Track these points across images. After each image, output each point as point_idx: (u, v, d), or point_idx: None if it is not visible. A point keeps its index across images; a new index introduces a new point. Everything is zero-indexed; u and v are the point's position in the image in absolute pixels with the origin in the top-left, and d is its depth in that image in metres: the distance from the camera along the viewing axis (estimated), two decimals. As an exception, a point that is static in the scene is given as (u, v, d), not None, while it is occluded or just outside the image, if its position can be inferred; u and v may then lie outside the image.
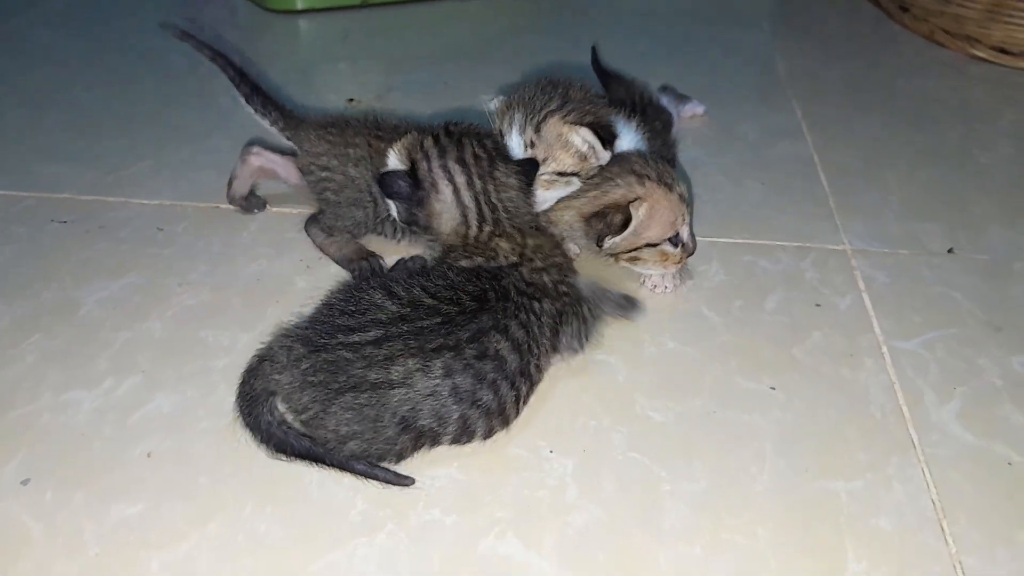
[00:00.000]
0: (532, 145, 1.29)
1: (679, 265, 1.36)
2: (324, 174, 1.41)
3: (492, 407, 1.06)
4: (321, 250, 1.44)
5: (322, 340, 1.05)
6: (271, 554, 0.99)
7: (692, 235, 1.35)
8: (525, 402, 1.13)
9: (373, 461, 1.05)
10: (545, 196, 1.32)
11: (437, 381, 1.02)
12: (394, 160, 1.23)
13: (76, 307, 1.34)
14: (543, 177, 1.30)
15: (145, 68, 2.18)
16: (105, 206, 1.61)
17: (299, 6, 2.52)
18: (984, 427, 1.16)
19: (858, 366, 1.26)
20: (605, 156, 1.32)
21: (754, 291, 1.40)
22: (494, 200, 1.22)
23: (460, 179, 1.21)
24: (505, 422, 1.10)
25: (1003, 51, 2.20)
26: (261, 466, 1.08)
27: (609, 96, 1.69)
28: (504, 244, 1.20)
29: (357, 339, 1.04)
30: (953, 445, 1.14)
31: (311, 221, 1.46)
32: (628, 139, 1.40)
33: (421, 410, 1.02)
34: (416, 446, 1.06)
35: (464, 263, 1.17)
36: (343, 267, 1.40)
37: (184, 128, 1.87)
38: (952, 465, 1.11)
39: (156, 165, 1.73)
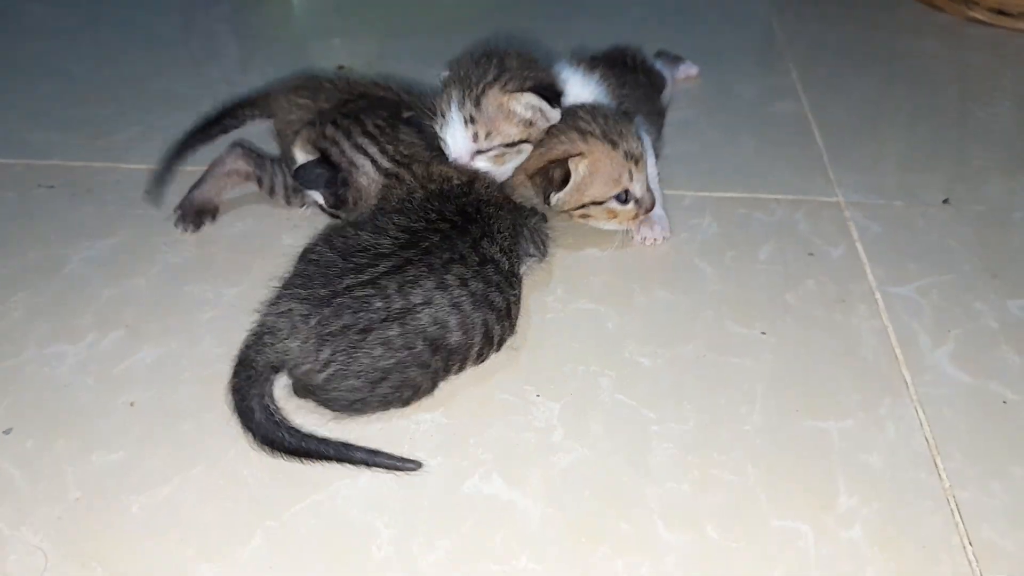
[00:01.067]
0: (472, 121, 1.26)
1: (635, 221, 1.33)
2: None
3: (502, 308, 1.09)
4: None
5: (328, 290, 1.02)
6: (254, 496, 0.98)
7: (648, 191, 1.32)
8: (518, 303, 1.15)
9: (408, 399, 1.06)
10: (500, 170, 1.30)
11: (456, 291, 1.04)
12: (301, 155, 1.24)
13: (62, 265, 1.33)
14: (491, 153, 1.28)
15: (135, 40, 2.16)
16: (93, 171, 1.60)
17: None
18: (979, 368, 1.14)
19: (850, 311, 1.24)
20: (555, 115, 1.29)
21: (747, 242, 1.38)
22: (407, 160, 1.25)
23: (373, 149, 1.24)
24: (512, 325, 1.14)
25: (1001, 12, 2.17)
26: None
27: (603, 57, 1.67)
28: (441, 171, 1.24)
29: (368, 276, 1.03)
30: (947, 385, 1.12)
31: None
32: (589, 91, 1.41)
33: (449, 325, 1.03)
34: (447, 368, 1.07)
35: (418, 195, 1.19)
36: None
37: (173, 96, 1.86)
38: (946, 403, 1.09)
39: (145, 131, 1.71)
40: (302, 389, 1.05)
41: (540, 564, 0.90)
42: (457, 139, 1.27)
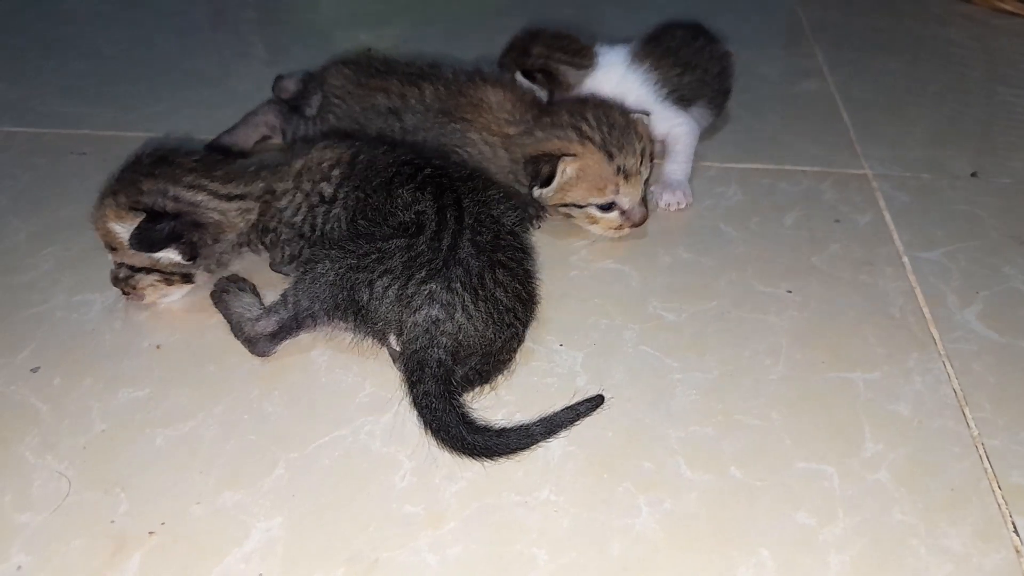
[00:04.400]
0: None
1: (619, 231, 1.28)
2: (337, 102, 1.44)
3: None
4: None
5: (424, 258, 1.00)
6: (276, 430, 0.98)
7: (641, 206, 1.28)
8: None
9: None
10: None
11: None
12: (121, 228, 1.10)
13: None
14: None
15: (166, 24, 2.20)
16: (122, 140, 1.62)
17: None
18: (1008, 326, 1.13)
19: (877, 273, 1.23)
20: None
21: (772, 209, 1.38)
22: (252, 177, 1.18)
23: (204, 182, 1.14)
24: None
25: (1030, 3, 2.16)
26: (269, 357, 1.08)
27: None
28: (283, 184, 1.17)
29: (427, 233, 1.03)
30: (975, 341, 1.11)
31: None
32: (633, 82, 1.47)
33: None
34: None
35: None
36: None
37: (201, 74, 1.89)
38: (975, 358, 1.08)
39: (174, 105, 1.74)
40: (474, 373, 1.01)
41: (562, 496, 0.90)
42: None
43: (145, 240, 1.08)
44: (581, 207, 1.27)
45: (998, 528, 0.87)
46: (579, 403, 0.98)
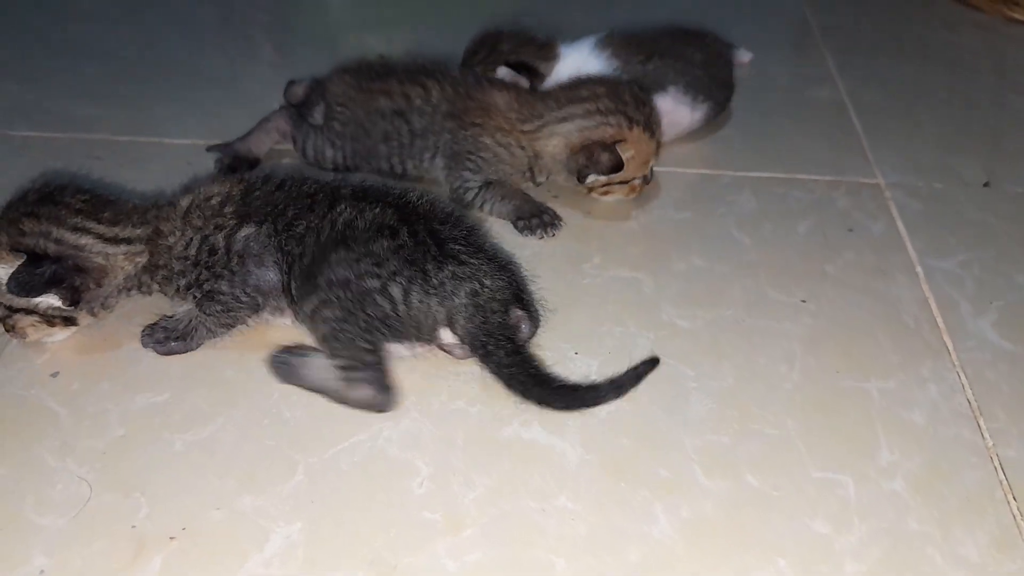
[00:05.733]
0: None
1: (638, 193, 1.40)
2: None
3: None
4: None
5: (429, 251, 1.02)
6: (295, 435, 0.99)
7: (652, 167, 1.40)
8: None
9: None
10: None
11: None
12: (4, 269, 1.04)
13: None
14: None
15: (175, 26, 2.20)
16: (138, 145, 1.63)
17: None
18: (1022, 335, 1.13)
19: (891, 281, 1.24)
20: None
21: (785, 217, 1.38)
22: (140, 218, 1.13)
23: (91, 224, 1.08)
24: None
25: (1042, 12, 2.16)
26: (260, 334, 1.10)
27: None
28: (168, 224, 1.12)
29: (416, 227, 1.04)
30: (990, 351, 1.11)
31: None
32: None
33: None
34: None
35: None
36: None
37: (214, 75, 1.89)
38: (989, 368, 1.09)
39: (186, 108, 1.75)
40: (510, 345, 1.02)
41: (578, 503, 0.90)
42: None
43: (24, 284, 1.02)
44: (627, 182, 1.36)
45: (1014, 538, 0.87)
46: (639, 365, 1.02)
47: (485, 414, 1.02)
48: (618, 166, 1.32)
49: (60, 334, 1.11)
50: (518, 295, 1.05)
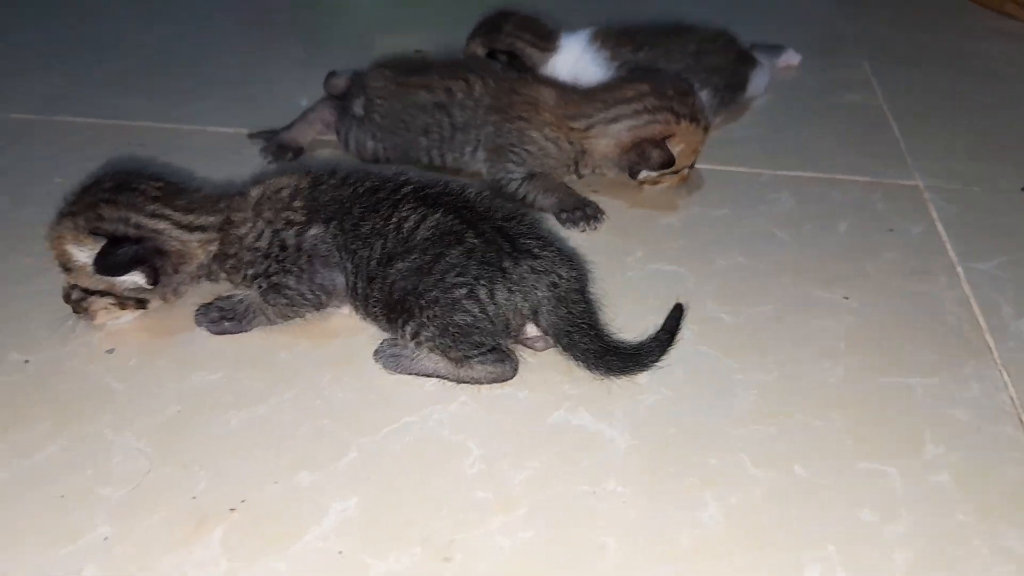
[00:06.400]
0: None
1: (686, 180, 1.46)
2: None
3: None
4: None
5: (505, 246, 1.04)
6: (348, 415, 1.00)
7: None
8: None
9: None
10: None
11: None
12: (81, 251, 1.07)
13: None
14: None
15: (204, 22, 2.25)
16: (180, 133, 1.67)
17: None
18: (1064, 337, 1.14)
19: (932, 282, 1.25)
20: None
21: (825, 217, 1.40)
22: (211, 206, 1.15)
23: (167, 211, 1.10)
24: None
25: (1076, 21, 2.17)
26: (339, 344, 1.11)
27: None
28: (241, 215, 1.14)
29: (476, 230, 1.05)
30: (1033, 351, 1.12)
31: None
32: (586, 59, 1.62)
33: None
34: None
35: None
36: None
37: (250, 69, 1.93)
38: (1033, 368, 1.09)
39: (221, 100, 1.78)
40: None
41: (628, 488, 0.92)
42: None
43: (110, 264, 1.05)
44: (676, 172, 1.40)
45: (1059, 532, 0.88)
46: (667, 322, 1.07)
47: (532, 399, 1.03)
48: (669, 162, 1.35)
49: (128, 316, 1.14)
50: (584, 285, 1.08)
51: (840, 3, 2.39)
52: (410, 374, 1.06)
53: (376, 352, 1.08)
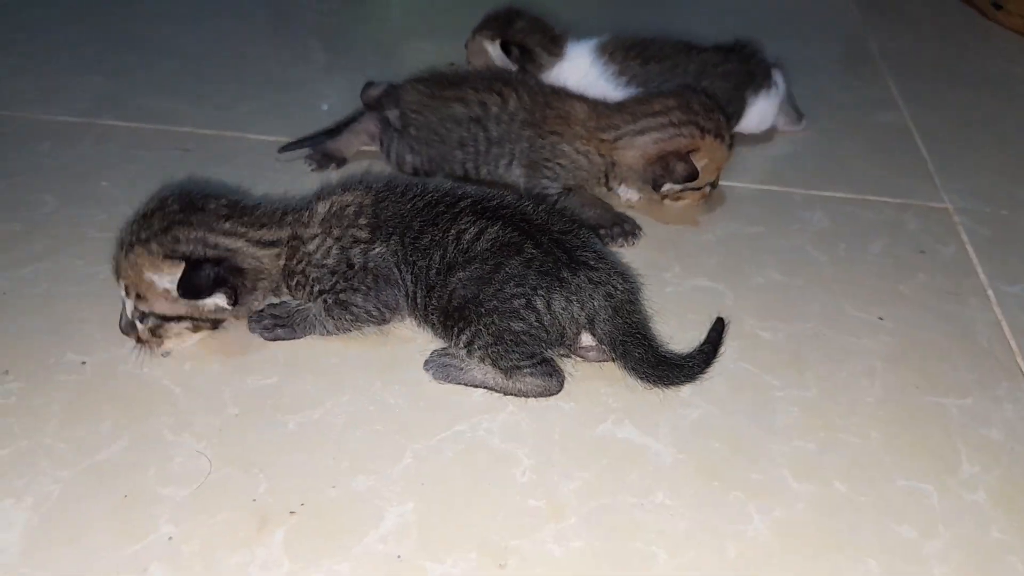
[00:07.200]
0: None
1: (707, 198, 1.49)
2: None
3: None
4: None
5: (562, 257, 1.07)
6: (401, 421, 1.03)
7: None
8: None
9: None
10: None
11: None
12: (161, 277, 1.06)
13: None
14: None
15: (245, 27, 2.28)
16: (223, 139, 1.69)
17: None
18: (1094, 361, 1.17)
19: (963, 303, 1.27)
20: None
21: (858, 237, 1.42)
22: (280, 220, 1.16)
23: (240, 229, 1.11)
24: None
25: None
26: (388, 351, 1.14)
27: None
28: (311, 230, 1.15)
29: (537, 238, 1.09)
30: (1064, 375, 1.15)
31: None
32: (592, 70, 1.65)
33: None
34: None
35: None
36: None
37: (288, 76, 1.96)
38: (1063, 391, 1.12)
39: (264, 107, 1.81)
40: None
41: (676, 501, 0.95)
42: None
43: (193, 288, 1.05)
44: (699, 188, 1.43)
45: (1094, 552, 0.91)
46: (710, 335, 1.13)
47: (578, 411, 1.06)
48: (693, 175, 1.38)
49: (196, 338, 1.14)
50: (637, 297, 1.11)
51: (865, 20, 2.41)
52: (459, 384, 1.09)
53: (426, 362, 1.11)
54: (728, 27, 2.28)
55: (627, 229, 1.39)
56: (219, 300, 1.08)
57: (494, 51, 1.66)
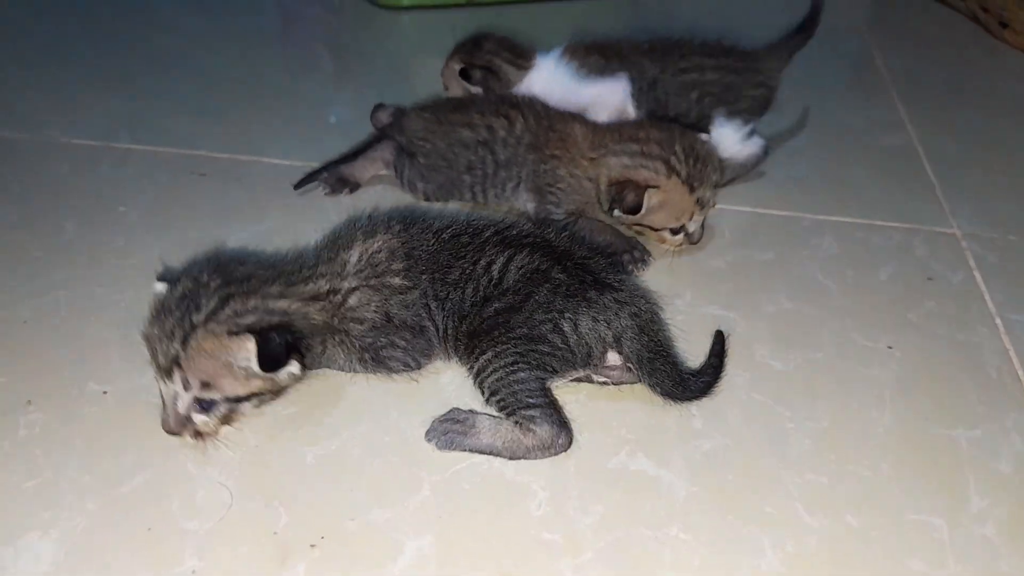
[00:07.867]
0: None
1: (678, 248, 1.43)
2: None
3: None
4: None
5: (587, 279, 1.13)
6: (416, 452, 1.05)
7: (702, 228, 1.42)
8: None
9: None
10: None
11: None
12: (232, 356, 1.00)
13: (222, 244, 1.43)
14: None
15: (259, 44, 2.29)
16: (239, 163, 1.71)
17: (405, 3, 2.59)
18: (1103, 392, 1.18)
19: (972, 332, 1.29)
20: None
21: (867, 262, 1.44)
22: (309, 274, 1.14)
23: (289, 289, 1.08)
24: None
25: (1107, 65, 2.20)
26: (406, 380, 1.15)
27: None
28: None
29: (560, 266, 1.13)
30: (1072, 405, 1.16)
31: None
32: (557, 78, 1.65)
33: None
34: None
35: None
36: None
37: (306, 96, 1.97)
38: (1071, 422, 1.13)
39: (281, 128, 1.82)
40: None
41: (690, 534, 0.96)
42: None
43: (273, 358, 1.00)
44: (656, 230, 1.40)
45: (1103, 587, 0.92)
46: (714, 348, 1.18)
47: (592, 443, 1.08)
48: (635, 209, 1.35)
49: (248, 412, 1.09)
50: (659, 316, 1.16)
51: (873, 40, 2.42)
52: (464, 450, 1.06)
53: (428, 432, 1.07)
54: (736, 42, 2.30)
55: (637, 256, 1.40)
56: (292, 367, 1.04)
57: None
